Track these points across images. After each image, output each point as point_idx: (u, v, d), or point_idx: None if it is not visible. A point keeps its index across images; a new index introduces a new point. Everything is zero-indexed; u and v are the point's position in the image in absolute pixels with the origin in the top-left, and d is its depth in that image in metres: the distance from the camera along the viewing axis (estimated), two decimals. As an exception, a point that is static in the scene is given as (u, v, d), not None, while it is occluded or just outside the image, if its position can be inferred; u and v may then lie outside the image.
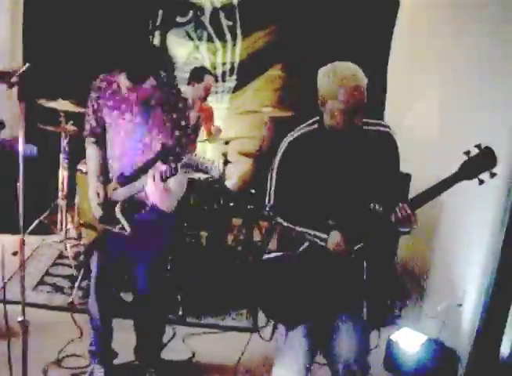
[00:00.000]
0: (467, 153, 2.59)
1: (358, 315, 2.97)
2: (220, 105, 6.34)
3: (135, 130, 3.23)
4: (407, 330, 3.99)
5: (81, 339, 3.91)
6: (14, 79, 2.39)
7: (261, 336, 3.56)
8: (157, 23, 6.17)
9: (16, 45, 6.03)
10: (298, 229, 2.89)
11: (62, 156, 5.11)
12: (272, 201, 2.97)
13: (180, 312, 4.36)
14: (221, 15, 6.13)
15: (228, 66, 6.27)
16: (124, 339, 3.69)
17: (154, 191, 2.97)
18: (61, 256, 5.11)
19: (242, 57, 6.22)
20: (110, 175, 3.33)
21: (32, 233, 5.38)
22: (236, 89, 6.33)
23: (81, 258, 4.92)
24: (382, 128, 2.89)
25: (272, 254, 3.00)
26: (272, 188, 2.97)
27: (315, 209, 2.87)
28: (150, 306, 3.57)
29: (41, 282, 4.69)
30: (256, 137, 5.95)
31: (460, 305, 3.89)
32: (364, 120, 2.82)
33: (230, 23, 6.14)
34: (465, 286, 3.91)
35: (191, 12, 6.14)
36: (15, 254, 5.14)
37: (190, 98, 5.23)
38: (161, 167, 2.94)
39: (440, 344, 3.89)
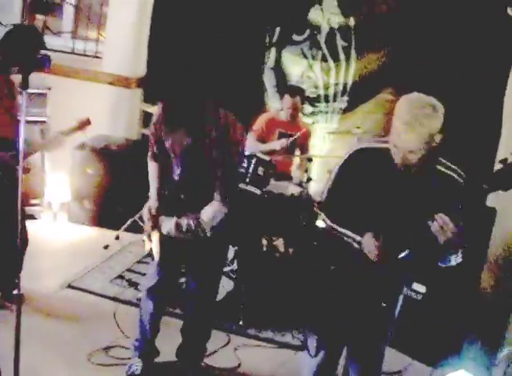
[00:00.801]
0: (504, 161, 2.42)
1: None
2: (329, 125, 6.31)
3: (183, 161, 3.34)
4: (463, 374, 3.71)
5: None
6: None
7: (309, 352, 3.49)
8: (274, 40, 6.26)
9: (139, 55, 6.37)
10: (339, 229, 2.86)
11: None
12: (324, 197, 2.98)
13: (240, 322, 4.38)
14: (337, 35, 6.10)
15: (340, 87, 6.21)
16: (172, 338, 3.77)
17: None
18: (148, 255, 5.27)
19: (354, 79, 6.15)
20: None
21: (127, 230, 5.65)
22: (346, 110, 6.26)
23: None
24: (456, 176, 2.76)
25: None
26: (328, 186, 2.98)
27: (362, 219, 2.81)
28: (197, 310, 3.65)
29: (120, 276, 4.88)
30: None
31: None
32: (443, 160, 2.77)
33: (345, 44, 6.10)
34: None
35: (308, 30, 6.16)
36: (106, 247, 5.45)
37: (285, 113, 5.29)
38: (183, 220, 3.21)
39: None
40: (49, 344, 3.87)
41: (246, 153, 4.67)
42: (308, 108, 6.21)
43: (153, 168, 3.51)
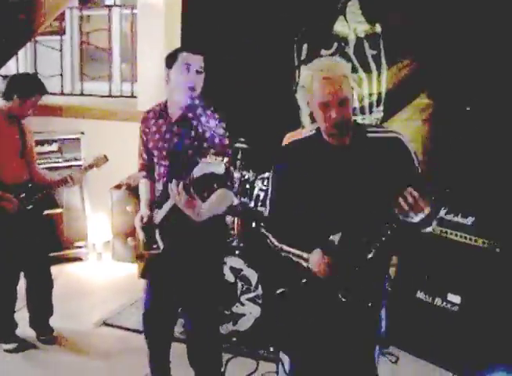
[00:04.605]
0: None
1: None
2: (369, 137, 6.11)
3: (169, 156, 3.29)
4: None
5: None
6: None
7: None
8: (302, 58, 6.18)
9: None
10: (284, 249, 2.65)
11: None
12: (267, 213, 2.78)
13: (271, 348, 4.25)
14: (366, 45, 5.94)
15: (374, 97, 6.01)
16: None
17: (180, 201, 2.94)
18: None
19: (388, 87, 5.93)
20: None
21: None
22: (383, 121, 6.04)
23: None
24: (390, 134, 2.69)
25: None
26: (269, 198, 2.77)
27: (310, 224, 2.59)
28: (197, 344, 3.51)
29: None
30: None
31: None
32: (369, 127, 2.70)
33: (374, 53, 5.91)
34: None
35: (335, 44, 6.04)
36: (146, 283, 5.45)
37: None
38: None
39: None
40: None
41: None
42: (344, 122, 6.07)
43: (143, 183, 3.55)
